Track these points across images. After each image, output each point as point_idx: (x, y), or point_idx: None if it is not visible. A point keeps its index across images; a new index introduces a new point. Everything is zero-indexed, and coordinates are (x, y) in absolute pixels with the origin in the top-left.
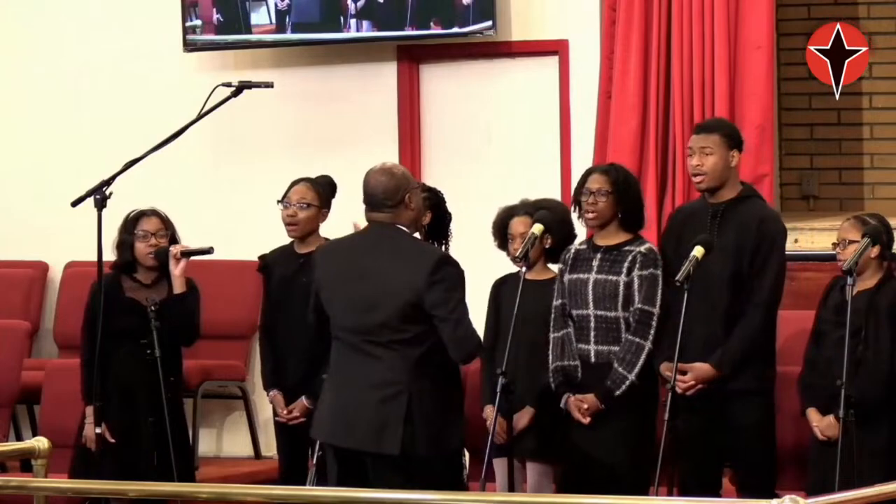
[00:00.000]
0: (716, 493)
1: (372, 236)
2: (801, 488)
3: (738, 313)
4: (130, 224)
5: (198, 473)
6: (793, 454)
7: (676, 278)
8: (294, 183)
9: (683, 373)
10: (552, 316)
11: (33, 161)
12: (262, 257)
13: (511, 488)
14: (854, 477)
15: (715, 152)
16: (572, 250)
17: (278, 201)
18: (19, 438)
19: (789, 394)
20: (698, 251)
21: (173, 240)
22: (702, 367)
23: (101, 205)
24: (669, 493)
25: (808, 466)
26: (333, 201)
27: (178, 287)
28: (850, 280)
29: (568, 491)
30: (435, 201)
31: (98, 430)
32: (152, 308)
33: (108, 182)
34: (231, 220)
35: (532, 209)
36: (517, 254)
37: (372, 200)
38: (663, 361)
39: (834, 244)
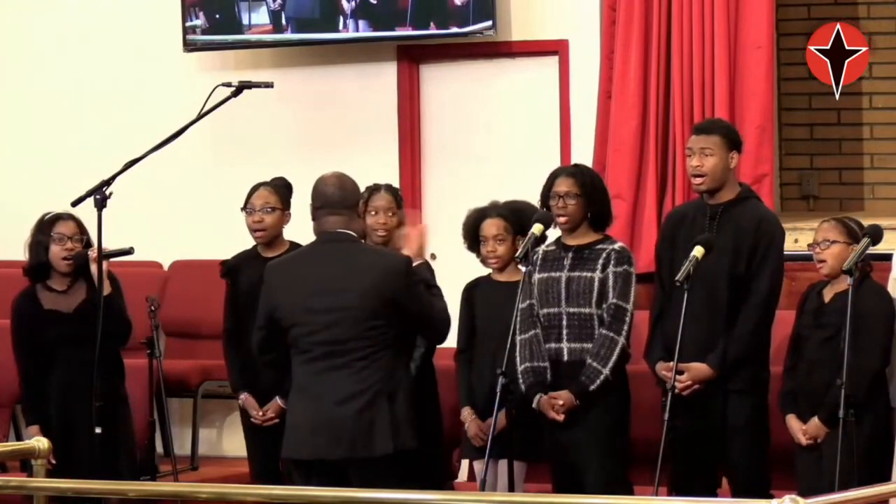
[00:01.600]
0: (711, 492)
1: (328, 247)
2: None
3: (735, 314)
4: (46, 226)
5: (198, 473)
6: (787, 455)
7: (676, 278)
8: (254, 189)
9: (680, 373)
10: (517, 318)
11: (33, 161)
12: (224, 263)
13: (511, 488)
14: (849, 476)
15: (715, 153)
16: (540, 251)
17: (241, 208)
18: (19, 438)
19: None
20: (698, 251)
21: (88, 245)
22: (699, 368)
23: (101, 205)
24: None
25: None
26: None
27: (105, 289)
28: (849, 280)
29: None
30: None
31: (98, 431)
32: (152, 308)
33: (108, 182)
34: (231, 220)
35: (504, 211)
36: (517, 254)
37: (328, 202)
38: (658, 361)
39: (810, 245)
